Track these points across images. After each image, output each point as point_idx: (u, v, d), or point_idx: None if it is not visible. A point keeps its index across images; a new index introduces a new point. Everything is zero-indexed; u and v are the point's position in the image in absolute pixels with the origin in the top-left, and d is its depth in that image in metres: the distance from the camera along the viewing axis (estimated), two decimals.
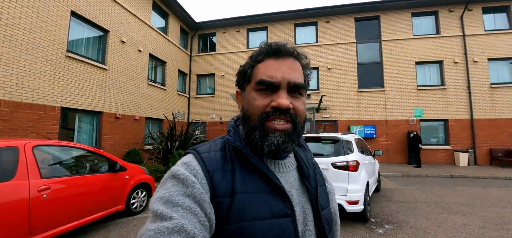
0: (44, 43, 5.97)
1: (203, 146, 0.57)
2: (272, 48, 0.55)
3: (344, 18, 12.26)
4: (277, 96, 0.51)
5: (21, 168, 2.46)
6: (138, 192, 4.13)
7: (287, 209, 0.50)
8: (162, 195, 0.45)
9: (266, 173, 0.51)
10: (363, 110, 11.53)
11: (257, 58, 0.57)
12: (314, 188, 0.58)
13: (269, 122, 0.51)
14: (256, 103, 0.53)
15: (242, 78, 0.60)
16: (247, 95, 0.57)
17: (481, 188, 6.30)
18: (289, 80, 0.52)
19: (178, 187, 0.46)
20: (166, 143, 8.00)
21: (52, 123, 6.17)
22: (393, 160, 11.00)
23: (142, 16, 9.69)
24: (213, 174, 0.50)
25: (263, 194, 0.50)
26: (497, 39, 10.89)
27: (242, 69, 0.60)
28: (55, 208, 2.68)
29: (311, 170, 0.61)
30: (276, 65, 0.53)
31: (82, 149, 3.44)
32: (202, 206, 0.44)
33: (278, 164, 0.57)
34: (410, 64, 11.38)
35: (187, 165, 0.50)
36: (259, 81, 0.53)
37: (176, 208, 0.42)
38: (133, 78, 9.12)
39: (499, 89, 10.61)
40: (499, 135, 10.40)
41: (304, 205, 0.56)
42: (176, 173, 0.48)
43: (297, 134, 0.54)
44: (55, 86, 6.26)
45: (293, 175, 0.59)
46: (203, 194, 0.46)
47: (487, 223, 3.73)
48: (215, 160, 0.52)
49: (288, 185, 0.56)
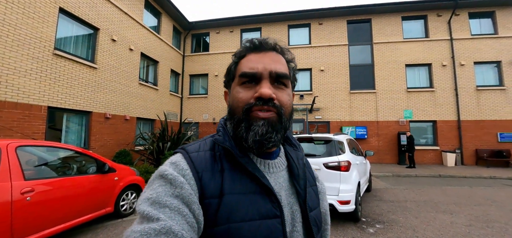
0: (30, 40, 5.78)
1: (192, 145, 0.56)
2: (253, 43, 0.56)
3: (337, 20, 12.42)
4: (260, 86, 0.51)
5: (3, 169, 2.36)
6: (127, 193, 4.03)
7: (275, 210, 0.50)
8: (149, 195, 0.44)
9: (254, 173, 0.51)
10: (355, 111, 11.69)
11: (240, 54, 0.57)
12: (303, 189, 0.57)
13: (253, 112, 0.51)
14: (240, 96, 0.53)
15: (228, 77, 0.61)
16: (232, 91, 0.57)
17: (467, 188, 6.49)
18: (271, 70, 0.52)
19: (166, 187, 0.45)
20: (157, 143, 7.87)
21: (38, 123, 5.97)
22: (384, 160, 11.21)
23: (134, 14, 9.53)
24: (202, 174, 0.49)
25: (252, 195, 0.49)
26: (482, 43, 11.27)
27: (228, 68, 0.61)
28: (39, 211, 2.59)
29: (301, 171, 0.60)
30: (258, 58, 0.54)
31: (69, 150, 3.34)
32: (191, 207, 0.44)
33: (268, 164, 0.56)
34: (400, 66, 11.63)
35: (176, 165, 0.49)
36: (241, 74, 0.53)
37: (163, 209, 0.41)
38: (124, 78, 8.94)
39: (484, 92, 10.98)
40: (484, 136, 10.76)
41: (293, 206, 0.55)
42: (164, 173, 0.47)
43: (282, 125, 0.53)
44: (41, 84, 6.06)
45: (283, 176, 0.58)
46: (191, 195, 0.45)
47: (473, 222, 3.84)
48: (204, 160, 0.52)
49: (278, 186, 0.55)
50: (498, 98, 10.88)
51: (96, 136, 7.67)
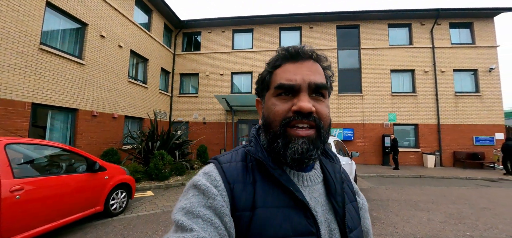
0: (14, 33, 5.58)
1: (225, 155, 0.56)
2: (289, 51, 0.53)
3: (327, 25, 12.76)
4: (298, 99, 0.49)
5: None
6: (117, 193, 4.02)
7: (311, 227, 0.47)
8: (183, 205, 0.45)
9: (288, 186, 0.49)
10: (343, 113, 12.06)
11: (274, 63, 0.55)
12: (340, 206, 0.54)
13: (291, 128, 0.49)
14: (276, 109, 0.51)
15: (261, 86, 0.58)
16: (267, 102, 0.55)
17: (444, 187, 6.91)
18: (310, 81, 0.50)
19: (199, 197, 0.45)
20: (146, 143, 7.79)
21: (22, 119, 5.77)
22: (369, 161, 11.64)
23: (124, 10, 9.37)
24: (234, 185, 0.48)
25: (285, 209, 0.47)
26: (461, 52, 11.97)
27: (261, 77, 0.58)
28: (28, 210, 2.56)
29: (338, 185, 0.56)
30: (295, 68, 0.51)
31: (59, 148, 3.30)
32: (223, 219, 0.44)
33: (302, 176, 0.54)
34: (385, 71, 12.12)
35: (208, 175, 0.49)
36: (277, 85, 0.51)
37: (196, 219, 0.42)
38: (113, 75, 8.77)
39: (462, 98, 11.67)
40: (461, 139, 11.43)
41: (330, 223, 0.52)
42: (197, 183, 0.47)
43: (321, 140, 0.51)
44: (26, 80, 5.87)
45: (318, 190, 0.55)
46: (223, 207, 0.45)
47: (448, 218, 4.14)
48: (236, 171, 0.51)
49: (313, 201, 0.52)
50: (474, 104, 11.59)
51: (83, 134, 7.49)
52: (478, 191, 6.43)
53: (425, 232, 3.52)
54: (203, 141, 11.74)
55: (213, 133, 12.73)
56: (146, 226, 3.64)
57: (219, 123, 12.84)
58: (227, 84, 13.08)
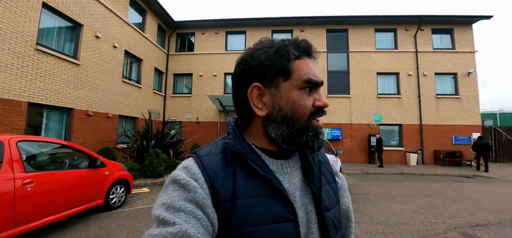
0: (12, 34, 5.72)
1: (204, 149, 0.56)
2: (307, 45, 0.54)
3: (317, 28, 13.24)
4: (319, 96, 0.52)
5: (6, 162, 2.58)
6: (117, 187, 4.28)
7: (289, 213, 0.49)
8: (164, 201, 0.45)
9: (266, 176, 0.50)
10: (331, 114, 12.57)
11: (292, 53, 0.53)
12: (318, 188, 0.55)
13: (316, 121, 0.52)
14: (306, 103, 0.51)
15: (274, 72, 0.53)
16: (287, 93, 0.52)
17: (422, 183, 7.46)
18: (322, 80, 0.54)
19: (179, 192, 0.46)
20: (141, 141, 8.00)
21: (18, 118, 5.91)
22: (356, 159, 12.19)
23: (119, 11, 9.51)
24: (214, 178, 0.49)
25: (264, 198, 0.48)
26: (442, 56, 12.70)
27: (271, 62, 0.53)
28: (38, 201, 2.82)
29: (316, 169, 0.58)
30: (313, 65, 0.54)
31: (64, 145, 3.54)
32: (205, 210, 0.44)
33: (281, 164, 0.55)
34: (372, 74, 12.72)
35: (188, 169, 0.50)
36: (308, 79, 0.51)
37: (178, 213, 0.42)
38: (107, 75, 8.92)
39: (442, 99, 12.39)
40: (441, 139, 12.15)
41: (307, 206, 0.54)
42: (177, 178, 0.48)
43: None
44: (22, 80, 6.00)
45: (297, 175, 0.56)
46: (205, 199, 0.45)
47: (419, 209, 4.61)
48: (215, 163, 0.51)
49: (292, 187, 0.53)
50: (454, 105, 12.34)
51: (77, 133, 7.63)
52: (451, 186, 7.00)
53: (396, 220, 3.97)
54: (197, 140, 11.98)
55: (206, 132, 12.98)
56: (144, 218, 3.92)
57: (212, 123, 13.10)
58: (220, 84, 13.36)
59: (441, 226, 3.71)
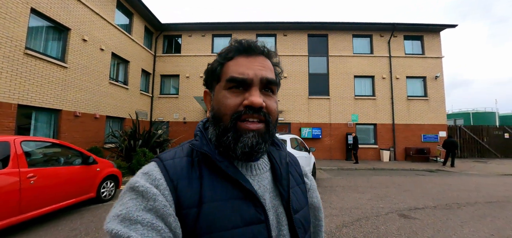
0: (1, 39, 5.98)
1: (168, 152, 0.53)
2: (242, 45, 0.53)
3: (299, 33, 14.00)
4: (249, 94, 0.49)
5: (13, 158, 3.03)
6: (107, 182, 4.74)
7: (259, 215, 0.47)
8: (118, 212, 0.40)
9: (235, 178, 0.48)
10: (312, 114, 13.38)
11: (226, 55, 0.53)
12: (286, 190, 0.54)
13: (242, 122, 0.49)
14: (228, 102, 0.50)
15: (211, 77, 0.56)
16: (217, 95, 0.53)
17: (388, 177, 8.33)
18: (262, 76, 0.50)
19: (137, 201, 0.41)
20: (129, 141, 8.38)
21: (8, 120, 6.17)
22: (335, 157, 13.07)
23: (105, 14, 9.77)
24: (178, 182, 0.46)
25: (234, 201, 0.47)
26: (413, 61, 13.82)
27: (211, 67, 0.56)
28: (40, 193, 3.27)
29: (284, 171, 0.57)
30: (248, 63, 0.51)
31: (61, 145, 3.98)
32: (166, 220, 0.41)
33: (250, 166, 0.54)
34: (350, 77, 13.64)
35: (148, 175, 0.46)
36: (230, 78, 0.50)
37: (135, 226, 0.38)
38: (94, 77, 9.19)
39: (413, 101, 13.51)
40: (412, 137, 13.26)
41: (277, 208, 0.53)
42: (135, 185, 0.43)
43: (270, 134, 0.52)
44: (12, 83, 6.26)
45: (266, 177, 0.55)
46: (166, 207, 0.42)
47: (374, 197, 5.38)
48: (180, 167, 0.48)
49: (262, 189, 0.52)
50: (423, 106, 13.49)
51: (66, 134, 7.90)
52: (411, 179, 7.91)
53: (351, 206, 4.70)
54: (183, 139, 12.38)
55: (193, 132, 13.27)
56: None
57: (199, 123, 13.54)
58: None
59: (385, 210, 4.47)
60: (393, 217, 4.08)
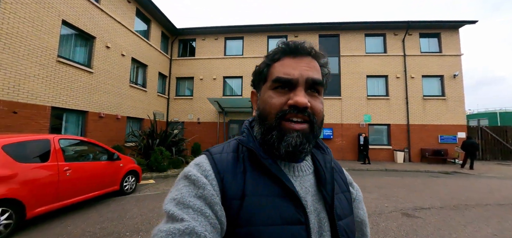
0: (38, 49, 6.73)
1: (217, 147, 0.57)
2: (289, 46, 0.54)
3: (310, 34, 14.08)
4: (294, 94, 0.50)
5: (53, 153, 3.55)
6: (129, 177, 5.25)
7: (300, 216, 0.48)
8: (174, 196, 0.46)
9: (278, 176, 0.49)
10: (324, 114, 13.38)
11: (273, 57, 0.55)
12: (330, 195, 0.54)
13: (286, 121, 0.50)
14: (273, 102, 0.52)
15: (258, 78, 0.59)
16: (263, 94, 0.56)
17: (399, 178, 8.26)
18: (308, 76, 0.51)
19: (189, 188, 0.46)
20: (147, 140, 8.99)
21: (44, 120, 6.92)
22: (346, 157, 13.02)
23: (126, 23, 10.51)
24: (224, 175, 0.49)
25: (274, 198, 0.48)
26: (429, 60, 13.42)
27: (258, 69, 0.59)
28: (74, 183, 3.79)
29: (328, 175, 0.57)
30: (294, 63, 0.52)
31: (90, 143, 4.53)
32: (213, 208, 0.45)
33: (293, 167, 0.55)
34: (362, 77, 13.51)
35: (199, 166, 0.51)
36: (275, 78, 0.52)
37: (187, 209, 0.43)
38: (116, 80, 9.93)
39: (429, 101, 13.12)
40: (428, 138, 12.88)
41: (320, 213, 0.52)
42: (188, 174, 0.49)
43: (314, 134, 0.52)
44: (46, 87, 7.01)
45: (309, 180, 0.56)
46: (214, 196, 0.46)
47: (380, 196, 5.47)
48: (226, 161, 0.52)
49: (303, 191, 0.53)
50: (440, 106, 13.06)
51: (91, 133, 8.64)
52: (424, 180, 7.80)
53: None
54: (197, 139, 12.94)
55: (206, 132, 13.95)
56: (153, 201, 4.88)
57: (212, 123, 14.07)
58: (220, 87, 14.31)
59: (389, 208, 4.57)
60: (395, 216, 4.19)
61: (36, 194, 3.25)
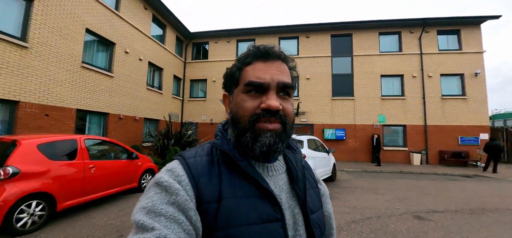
0: (65, 56, 7.29)
1: (190, 151, 0.57)
2: (260, 50, 0.55)
3: (322, 34, 13.99)
4: (267, 97, 0.51)
5: (80, 152, 3.90)
6: (146, 175, 5.59)
7: (276, 213, 0.50)
8: (144, 204, 0.44)
9: (254, 176, 0.51)
10: (336, 115, 13.27)
11: (245, 60, 0.56)
12: (302, 191, 0.57)
13: (260, 123, 0.51)
14: (246, 105, 0.52)
15: (230, 81, 0.60)
16: (235, 98, 0.57)
17: (414, 181, 8.03)
18: (278, 80, 0.52)
19: (161, 195, 0.45)
20: (163, 140, 9.40)
21: (70, 122, 7.49)
22: (359, 159, 12.78)
23: (143, 29, 11.04)
24: (199, 179, 0.49)
25: (251, 199, 0.49)
26: (448, 57, 12.87)
27: (229, 71, 0.59)
28: (98, 179, 4.13)
29: (300, 173, 0.60)
30: (265, 67, 0.54)
31: (111, 142, 4.90)
32: (187, 213, 0.44)
33: (267, 167, 0.57)
34: (376, 76, 13.21)
35: (171, 171, 0.49)
36: (248, 82, 0.53)
37: (159, 217, 0.41)
38: (135, 83, 10.47)
39: (448, 100, 12.58)
40: (447, 139, 12.35)
41: (294, 209, 0.55)
42: (159, 181, 0.47)
43: (286, 135, 0.54)
44: (72, 91, 7.57)
45: (282, 178, 0.58)
46: (187, 201, 0.45)
47: (392, 199, 5.39)
48: (201, 165, 0.52)
49: (278, 189, 0.55)
50: (460, 106, 12.47)
51: (112, 133, 9.18)
52: (441, 183, 7.55)
53: (365, 205, 4.83)
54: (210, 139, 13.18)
55: None
56: None
57: None
58: None
59: (400, 211, 4.53)
60: (406, 218, 4.15)
61: (65, 189, 3.60)
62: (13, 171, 3.04)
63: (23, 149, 3.23)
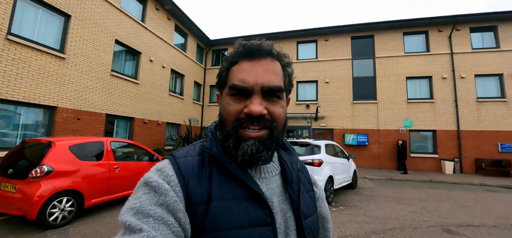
0: (96, 65, 7.92)
1: (181, 150, 0.55)
2: (245, 48, 0.52)
3: (342, 37, 13.63)
4: (250, 101, 0.49)
5: (106, 153, 4.19)
6: None
7: (266, 217, 0.48)
8: (132, 205, 0.42)
9: (243, 179, 0.49)
10: (357, 120, 12.74)
11: (231, 60, 0.54)
12: (296, 194, 0.55)
13: (243, 129, 0.49)
14: (230, 109, 0.51)
15: (219, 82, 0.57)
16: (223, 99, 0.55)
17: (446, 191, 7.38)
18: (263, 84, 0.49)
19: (149, 195, 0.43)
20: (183, 144, 9.73)
21: (100, 125, 8.07)
22: (384, 166, 12.09)
23: (166, 38, 11.65)
24: (189, 180, 0.47)
25: (241, 201, 0.48)
26: (484, 56, 11.79)
27: (219, 72, 0.57)
28: (121, 179, 4.39)
29: (294, 175, 0.58)
30: (250, 68, 0.51)
31: (134, 145, 5.20)
32: (176, 215, 0.42)
33: (259, 169, 0.55)
34: (401, 79, 12.51)
35: (161, 171, 0.48)
36: (231, 85, 0.51)
37: (147, 219, 0.40)
38: (158, 90, 11.03)
39: (485, 103, 11.47)
40: (484, 146, 11.22)
41: (286, 212, 0.53)
42: (148, 180, 0.46)
43: (273, 141, 0.52)
44: (102, 97, 8.18)
45: (276, 181, 0.56)
46: (177, 203, 0.43)
47: (419, 210, 5.00)
48: (191, 165, 0.50)
49: (269, 192, 0.53)
50: (500, 109, 11.31)
51: (137, 137, 9.72)
52: (477, 194, 6.86)
53: (387, 215, 4.53)
54: None
55: None
56: None
57: None
58: None
59: (428, 223, 4.18)
60: (434, 231, 3.83)
61: (93, 187, 3.88)
62: (47, 170, 3.35)
63: (56, 150, 3.55)
